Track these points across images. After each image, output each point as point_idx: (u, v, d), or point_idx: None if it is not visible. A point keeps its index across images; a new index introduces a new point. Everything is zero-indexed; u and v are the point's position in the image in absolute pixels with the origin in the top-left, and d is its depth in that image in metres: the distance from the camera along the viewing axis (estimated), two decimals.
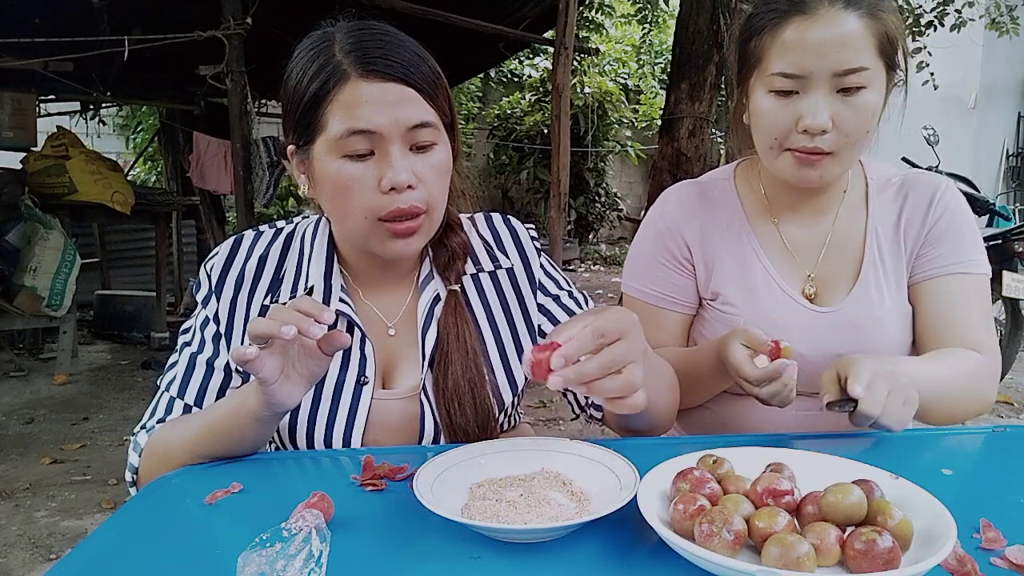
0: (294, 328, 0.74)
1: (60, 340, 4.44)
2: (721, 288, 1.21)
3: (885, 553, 0.60)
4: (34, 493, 2.84)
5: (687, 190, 1.27)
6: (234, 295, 1.00)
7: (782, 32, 1.05)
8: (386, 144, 0.87)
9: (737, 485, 0.72)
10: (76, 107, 6.52)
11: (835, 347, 1.14)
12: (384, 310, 1.03)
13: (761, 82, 1.08)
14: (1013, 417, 3.93)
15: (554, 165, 4.97)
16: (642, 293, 1.26)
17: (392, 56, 0.88)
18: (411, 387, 1.00)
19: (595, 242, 10.60)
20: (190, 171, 6.10)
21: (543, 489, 0.78)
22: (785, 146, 1.08)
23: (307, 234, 1.04)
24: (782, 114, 1.06)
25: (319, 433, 0.97)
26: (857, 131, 1.05)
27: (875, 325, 1.15)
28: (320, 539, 0.64)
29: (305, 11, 4.71)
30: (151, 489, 0.86)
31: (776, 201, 1.22)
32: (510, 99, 10.37)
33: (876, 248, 1.18)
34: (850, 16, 1.02)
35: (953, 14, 5.64)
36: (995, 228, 4.35)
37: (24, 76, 4.56)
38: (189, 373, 1.00)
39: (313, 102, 0.88)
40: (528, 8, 5.40)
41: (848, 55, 1.01)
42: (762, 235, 1.22)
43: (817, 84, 1.03)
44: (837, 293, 1.18)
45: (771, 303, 1.18)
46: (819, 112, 1.03)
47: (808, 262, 1.20)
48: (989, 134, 9.69)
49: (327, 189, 0.91)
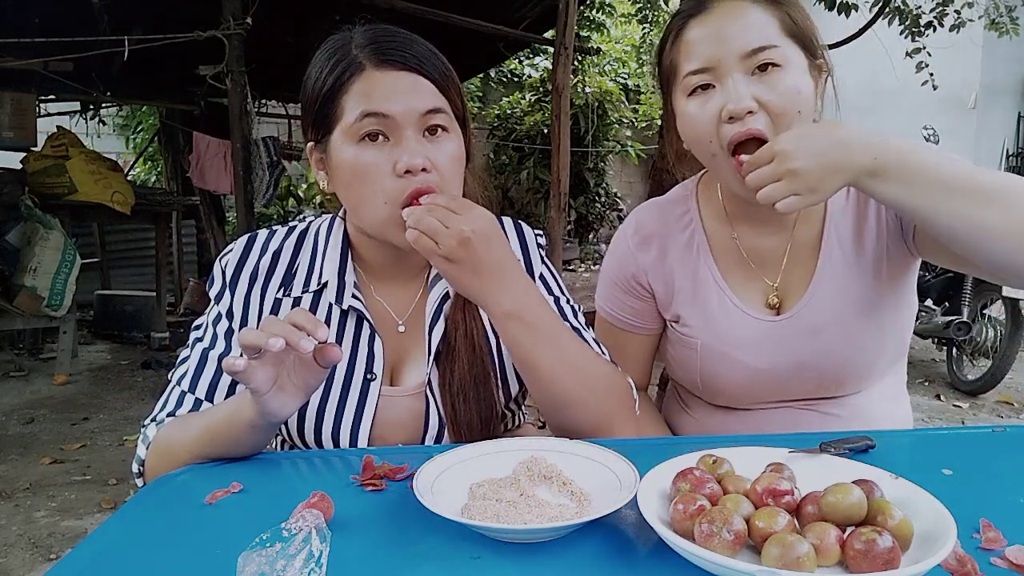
0: (282, 341, 0.75)
1: (60, 340, 4.44)
2: (680, 310, 1.19)
3: (885, 553, 0.60)
4: (34, 493, 2.84)
5: (648, 211, 1.25)
6: (248, 289, 1.02)
7: (685, 33, 1.05)
8: (400, 129, 0.90)
9: (737, 485, 0.72)
10: (76, 107, 6.52)
11: (796, 354, 1.12)
12: (395, 307, 1.05)
13: (679, 90, 1.06)
14: (1013, 417, 3.93)
15: (554, 165, 4.96)
16: (607, 313, 1.27)
17: (405, 48, 0.92)
18: (417, 384, 1.01)
19: (595, 242, 10.60)
20: (190, 171, 6.10)
21: (543, 489, 0.79)
22: (722, 144, 1.01)
23: (321, 231, 1.07)
24: (705, 111, 1.02)
25: (327, 429, 0.97)
26: (785, 112, 0.99)
27: (836, 325, 1.11)
28: (320, 539, 0.64)
29: (305, 11, 4.72)
30: (151, 489, 0.86)
31: (734, 214, 1.17)
32: (510, 99, 10.37)
33: (835, 241, 1.13)
34: (747, 4, 1.02)
35: (952, 14, 5.63)
36: None
37: (24, 76, 4.55)
38: (200, 368, 1.01)
39: (330, 94, 0.91)
40: (528, 8, 5.40)
41: (751, 35, 0.99)
42: (719, 252, 1.18)
43: (728, 70, 1.00)
44: (795, 298, 1.14)
45: (727, 321, 1.15)
46: (738, 95, 0.98)
47: (769, 272, 1.16)
48: (989, 134, 9.69)
49: (344, 176, 0.93)
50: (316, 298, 1.02)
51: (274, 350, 0.75)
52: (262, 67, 4.53)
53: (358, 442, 0.98)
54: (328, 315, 1.02)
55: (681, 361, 1.21)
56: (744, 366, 1.14)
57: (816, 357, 1.12)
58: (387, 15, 3.94)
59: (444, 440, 1.01)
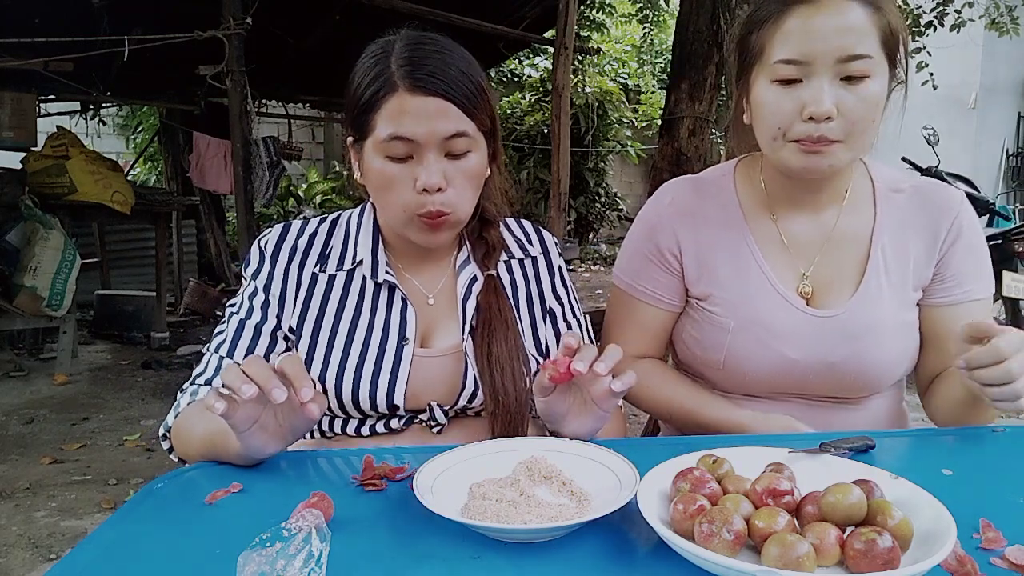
0: (254, 389, 0.78)
1: (60, 340, 4.44)
2: (713, 288, 1.18)
3: (885, 553, 0.60)
4: (34, 493, 2.84)
5: (683, 186, 1.25)
6: (288, 263, 1.11)
7: (785, 21, 1.04)
8: (423, 150, 0.98)
9: (737, 485, 0.72)
10: (76, 107, 6.51)
11: (829, 353, 1.12)
12: (424, 284, 1.13)
13: (764, 73, 1.06)
14: (1013, 417, 3.93)
15: (554, 165, 4.97)
16: (628, 286, 1.26)
17: (438, 74, 0.98)
18: (449, 347, 1.09)
19: (595, 242, 10.60)
20: (190, 171, 6.10)
21: (543, 489, 0.79)
22: (789, 137, 1.04)
23: (353, 218, 1.16)
24: (785, 102, 1.03)
25: (364, 388, 1.03)
26: (862, 120, 1.02)
27: (874, 333, 1.12)
28: (320, 539, 0.64)
29: (305, 11, 4.73)
30: (151, 489, 0.86)
31: (775, 196, 1.18)
32: (510, 99, 10.37)
33: (881, 254, 1.14)
34: (854, 5, 1.01)
35: (953, 14, 5.63)
36: (995, 228, 4.35)
37: (24, 76, 4.55)
38: (238, 336, 1.08)
39: (367, 106, 0.99)
40: (528, 8, 5.40)
41: (852, 41, 1.00)
42: (759, 231, 1.18)
43: (820, 70, 1.01)
44: (837, 296, 1.15)
45: (764, 304, 1.15)
46: (823, 98, 1.00)
47: (804, 260, 1.16)
48: (989, 134, 9.69)
49: (373, 181, 1.03)
50: (349, 276, 1.11)
51: (244, 397, 0.78)
52: (262, 67, 4.53)
53: (395, 399, 1.03)
54: (362, 289, 1.10)
55: (706, 342, 1.19)
56: (777, 354, 1.13)
57: (849, 361, 1.12)
58: (387, 15, 3.93)
59: (477, 401, 1.07)
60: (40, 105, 5.49)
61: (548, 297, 1.18)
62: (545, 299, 1.17)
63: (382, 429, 1.07)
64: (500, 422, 1.03)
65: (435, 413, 1.07)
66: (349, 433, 1.08)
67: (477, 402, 1.07)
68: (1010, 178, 9.90)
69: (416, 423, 1.08)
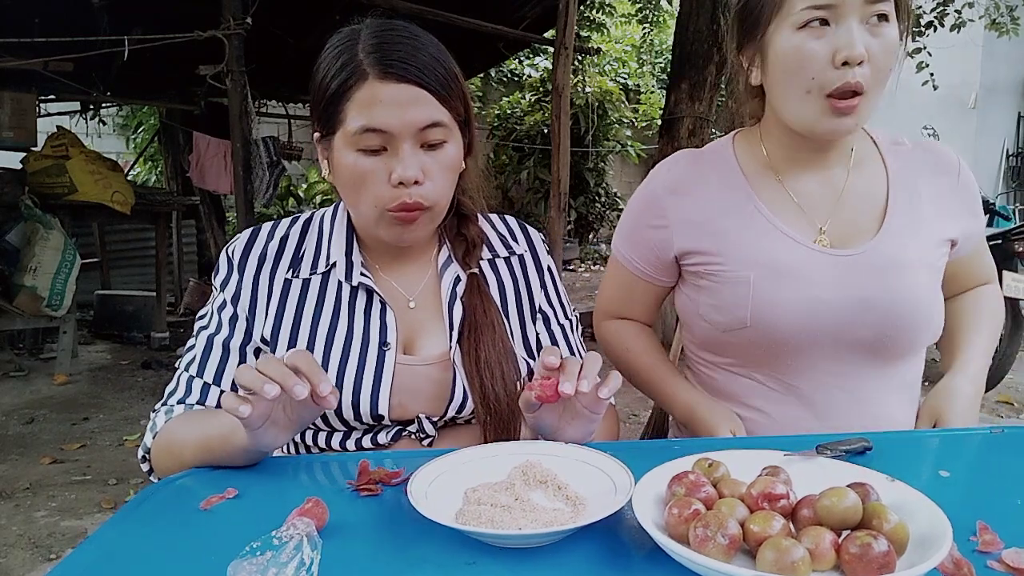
0: (277, 388, 0.76)
1: (60, 340, 4.45)
2: (720, 245, 1.16)
3: (881, 557, 0.60)
4: (34, 493, 2.84)
5: (683, 157, 1.24)
6: (257, 271, 1.05)
7: None
8: (397, 141, 0.93)
9: (732, 489, 0.72)
10: (76, 107, 6.51)
11: (859, 289, 1.10)
12: (404, 286, 1.08)
13: (786, 23, 1.03)
14: (1013, 417, 3.92)
15: (554, 165, 4.96)
16: (624, 258, 1.27)
17: (409, 60, 0.92)
18: (435, 355, 1.04)
19: (595, 242, 10.60)
20: (190, 171, 6.10)
21: (538, 494, 0.78)
22: (825, 89, 1.01)
23: (326, 218, 1.10)
24: (816, 48, 1.00)
25: (347, 397, 0.99)
26: (885, 67, 1.01)
27: (901, 269, 1.10)
28: (311, 547, 0.64)
29: (305, 11, 4.72)
30: (148, 494, 0.86)
31: (779, 160, 1.17)
32: (510, 99, 10.36)
33: (898, 198, 1.15)
34: None
35: (953, 14, 5.62)
36: (995, 228, 4.35)
37: (24, 76, 4.55)
38: (207, 355, 1.03)
39: (334, 98, 0.94)
40: (528, 8, 5.40)
41: None
42: (765, 193, 1.17)
43: (850, 10, 0.98)
44: (860, 239, 1.13)
45: (783, 249, 1.12)
46: (855, 41, 0.98)
47: (819, 215, 1.15)
48: (989, 134, 9.68)
49: (344, 178, 0.97)
50: (324, 279, 1.05)
51: (268, 397, 0.76)
52: (262, 67, 4.53)
53: (379, 409, 1.00)
54: (338, 293, 1.05)
55: (726, 303, 1.15)
56: (806, 297, 1.10)
57: (882, 297, 1.10)
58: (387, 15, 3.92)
59: (467, 411, 1.03)
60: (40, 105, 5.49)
61: (537, 296, 1.13)
62: (534, 298, 1.13)
63: (369, 444, 1.03)
64: (492, 429, 1.00)
65: (424, 425, 1.03)
66: (334, 447, 1.04)
67: (467, 411, 1.03)
68: (1010, 178, 9.89)
69: (405, 436, 1.04)
